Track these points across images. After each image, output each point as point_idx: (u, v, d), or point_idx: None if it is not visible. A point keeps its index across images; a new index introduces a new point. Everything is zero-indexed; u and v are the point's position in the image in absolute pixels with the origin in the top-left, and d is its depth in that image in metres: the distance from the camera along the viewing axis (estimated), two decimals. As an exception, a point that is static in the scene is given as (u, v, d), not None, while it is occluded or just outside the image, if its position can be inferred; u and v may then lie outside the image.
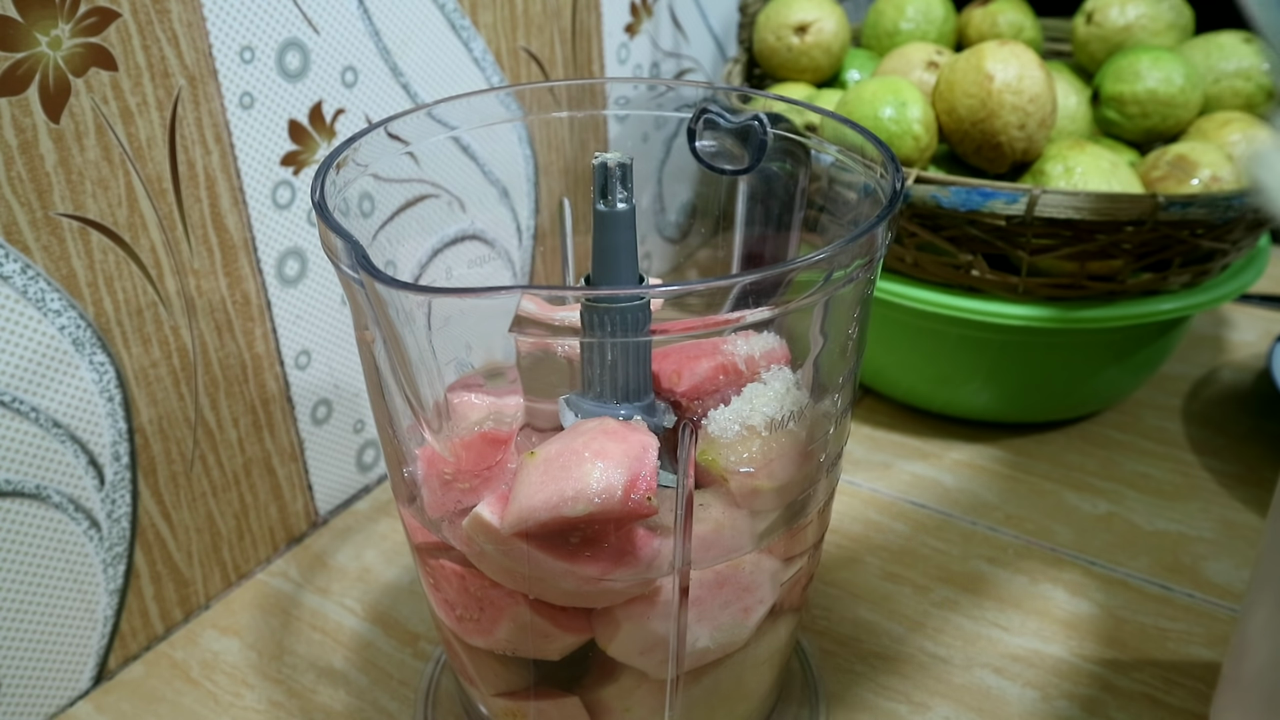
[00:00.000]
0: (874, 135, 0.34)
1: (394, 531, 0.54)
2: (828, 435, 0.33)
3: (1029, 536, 0.53)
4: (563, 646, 0.33)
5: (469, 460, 0.32)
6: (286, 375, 0.50)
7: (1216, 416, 0.63)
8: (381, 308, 0.26)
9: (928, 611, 0.49)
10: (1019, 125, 0.53)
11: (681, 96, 0.40)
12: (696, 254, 0.46)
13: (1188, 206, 0.49)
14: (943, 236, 0.53)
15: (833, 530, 0.53)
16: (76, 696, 0.45)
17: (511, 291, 0.25)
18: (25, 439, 0.40)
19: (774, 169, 0.38)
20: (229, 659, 0.47)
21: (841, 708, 0.44)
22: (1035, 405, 0.60)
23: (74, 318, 0.40)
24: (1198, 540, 0.53)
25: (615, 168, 0.31)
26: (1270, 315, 0.74)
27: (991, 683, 0.45)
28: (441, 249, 0.42)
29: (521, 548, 0.30)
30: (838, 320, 0.32)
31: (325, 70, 0.48)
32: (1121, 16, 0.62)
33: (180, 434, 0.46)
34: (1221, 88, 0.61)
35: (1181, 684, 0.44)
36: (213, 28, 0.42)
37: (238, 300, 0.47)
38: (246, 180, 0.46)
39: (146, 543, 0.46)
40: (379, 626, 0.48)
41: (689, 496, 0.30)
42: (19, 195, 0.37)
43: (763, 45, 0.67)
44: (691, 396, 0.34)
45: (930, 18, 0.67)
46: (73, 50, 0.38)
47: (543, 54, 0.61)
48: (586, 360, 0.33)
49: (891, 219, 0.30)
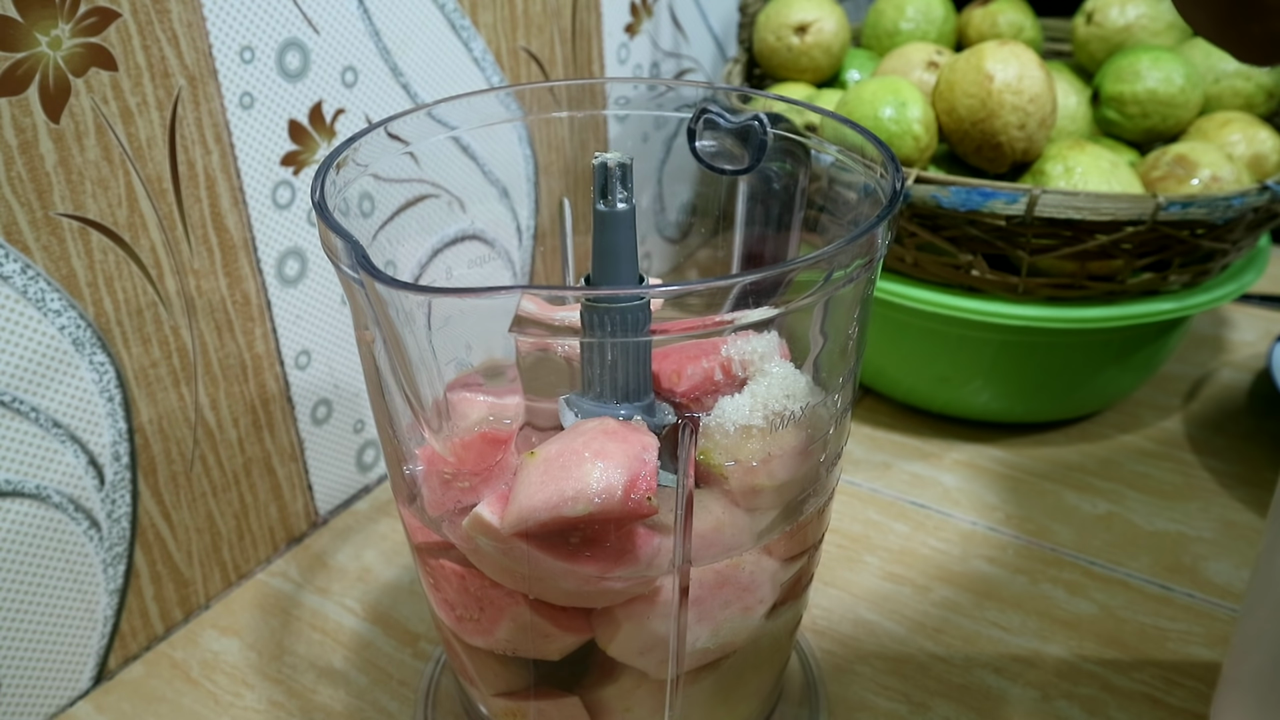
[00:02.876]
0: (874, 135, 0.34)
1: (394, 531, 0.54)
2: (828, 435, 0.33)
3: (1029, 536, 0.53)
4: (563, 646, 0.33)
5: (469, 460, 0.32)
6: (286, 375, 0.50)
7: (1216, 416, 0.63)
8: (381, 308, 0.26)
9: (928, 611, 0.49)
10: (1019, 125, 0.53)
11: (681, 96, 0.40)
12: (696, 254, 0.46)
13: (1188, 206, 0.49)
14: (943, 236, 0.53)
15: (833, 530, 0.53)
16: (76, 696, 0.45)
17: (511, 291, 0.25)
18: (25, 439, 0.40)
19: (774, 169, 0.38)
20: (229, 659, 0.47)
21: (841, 708, 0.44)
22: (1035, 405, 0.60)
23: (74, 318, 0.40)
24: (1198, 540, 0.53)
25: (615, 168, 0.31)
26: (1270, 315, 0.74)
27: (991, 683, 0.45)
28: (441, 249, 0.42)
29: (521, 547, 0.30)
30: (838, 320, 0.32)
31: (325, 70, 0.48)
32: (1121, 16, 0.62)
33: (180, 434, 0.46)
34: (1221, 88, 0.61)
35: (1181, 684, 0.44)
36: (213, 28, 0.42)
37: (238, 300, 0.47)
38: (246, 180, 0.46)
39: (146, 543, 0.46)
40: (379, 626, 0.48)
41: (689, 496, 0.30)
42: (19, 195, 0.37)
43: (763, 45, 0.67)
44: (691, 396, 0.34)
45: (930, 18, 0.67)
46: (73, 50, 0.38)
47: (543, 54, 0.61)
48: (586, 360, 0.33)
49: (891, 219, 0.30)
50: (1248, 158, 0.56)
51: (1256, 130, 0.57)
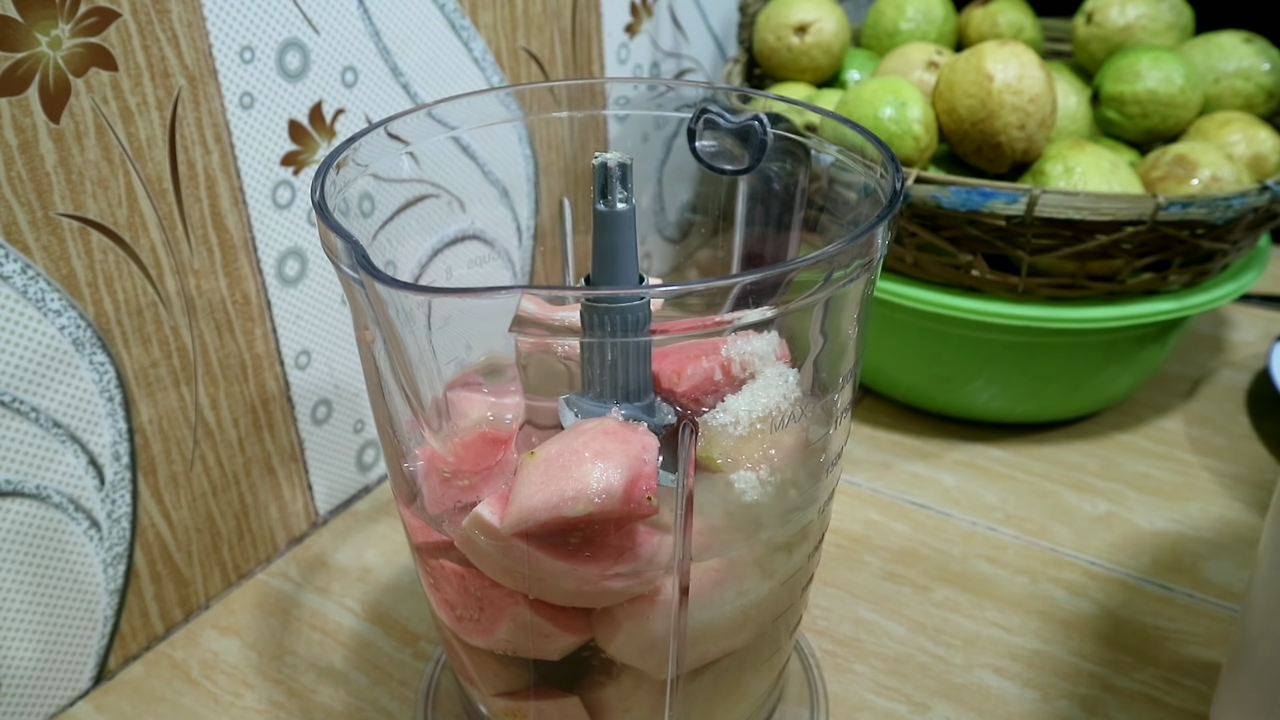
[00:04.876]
0: (874, 135, 0.34)
1: (394, 531, 0.54)
2: (828, 435, 0.33)
3: (1029, 536, 0.53)
4: (563, 646, 0.33)
5: (469, 460, 0.32)
6: (286, 375, 0.50)
7: (1216, 416, 0.63)
8: (381, 308, 0.26)
9: (928, 611, 0.49)
10: (1019, 125, 0.53)
11: (681, 96, 0.40)
12: (696, 254, 0.46)
13: (1188, 206, 0.49)
14: (943, 236, 0.53)
15: (833, 530, 0.53)
16: (76, 696, 0.45)
17: (511, 291, 0.25)
18: (25, 439, 0.40)
19: (774, 169, 0.38)
20: (229, 659, 0.47)
21: (841, 708, 0.44)
22: (1035, 405, 0.60)
23: (74, 318, 0.40)
24: (1198, 540, 0.53)
25: (615, 168, 0.31)
26: (1270, 315, 0.74)
27: (991, 683, 0.45)
28: (441, 249, 0.42)
29: (521, 547, 0.30)
30: (838, 320, 0.32)
31: (325, 70, 0.48)
32: (1121, 16, 0.62)
33: (180, 434, 0.46)
34: (1221, 88, 0.61)
35: (1181, 684, 0.44)
36: (213, 28, 0.42)
37: (238, 300, 0.47)
38: (246, 180, 0.46)
39: (146, 543, 0.46)
40: (379, 626, 0.48)
41: (689, 496, 0.30)
42: (19, 195, 0.37)
43: (763, 45, 0.67)
44: (691, 396, 0.34)
45: (930, 18, 0.67)
46: (73, 50, 0.38)
47: (543, 54, 0.61)
48: (586, 360, 0.33)
49: (891, 219, 0.30)
50: (1248, 158, 0.56)
51: (1256, 130, 0.57)
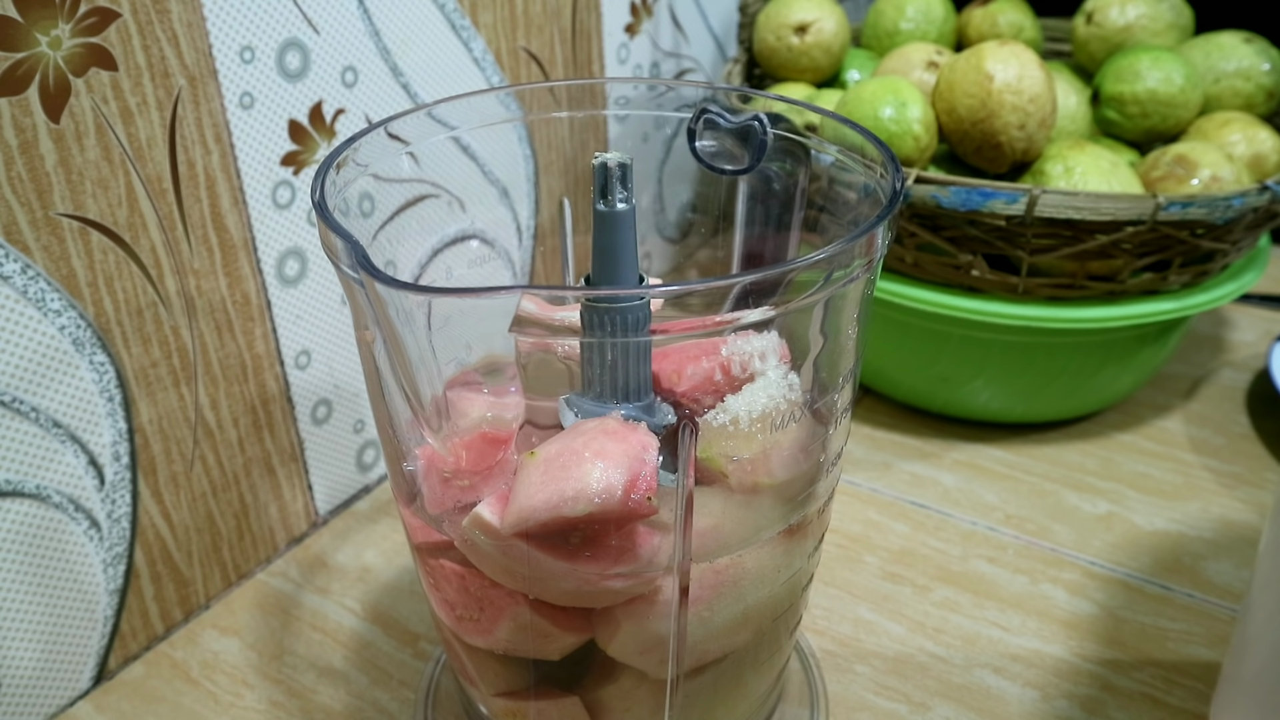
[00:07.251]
0: (874, 135, 0.34)
1: (394, 531, 0.54)
2: (828, 435, 0.33)
3: (1029, 536, 0.53)
4: (563, 646, 0.33)
5: (469, 460, 0.32)
6: (286, 375, 0.50)
7: (1216, 416, 0.63)
8: (381, 308, 0.26)
9: (927, 611, 0.49)
10: (1019, 125, 0.53)
11: (681, 96, 0.40)
12: (696, 254, 0.46)
13: (1188, 206, 0.49)
14: (943, 236, 0.53)
15: (833, 530, 0.53)
16: (76, 696, 0.45)
17: (511, 291, 0.25)
18: (25, 439, 0.40)
19: (774, 169, 0.38)
20: (229, 659, 0.47)
21: (841, 708, 0.44)
22: (1035, 405, 0.60)
23: (74, 318, 0.40)
24: (1198, 540, 0.53)
25: (615, 168, 0.31)
26: (1270, 315, 0.74)
27: (991, 683, 0.45)
28: (441, 249, 0.42)
29: (521, 547, 0.30)
30: (838, 320, 0.32)
31: (325, 70, 0.48)
32: (1121, 16, 0.62)
33: (180, 434, 0.46)
34: (1221, 88, 0.61)
35: (1181, 684, 0.44)
36: (213, 28, 0.42)
37: (238, 300, 0.47)
38: (246, 180, 0.46)
39: (146, 543, 0.46)
40: (379, 626, 0.48)
41: (689, 496, 0.30)
42: (19, 195, 0.37)
43: (763, 45, 0.67)
44: (691, 396, 0.34)
45: (930, 18, 0.67)
46: (73, 50, 0.38)
47: (543, 54, 0.61)
48: (586, 360, 0.33)
49: (891, 219, 0.30)
50: (1248, 158, 0.56)
51: (1256, 130, 0.57)
